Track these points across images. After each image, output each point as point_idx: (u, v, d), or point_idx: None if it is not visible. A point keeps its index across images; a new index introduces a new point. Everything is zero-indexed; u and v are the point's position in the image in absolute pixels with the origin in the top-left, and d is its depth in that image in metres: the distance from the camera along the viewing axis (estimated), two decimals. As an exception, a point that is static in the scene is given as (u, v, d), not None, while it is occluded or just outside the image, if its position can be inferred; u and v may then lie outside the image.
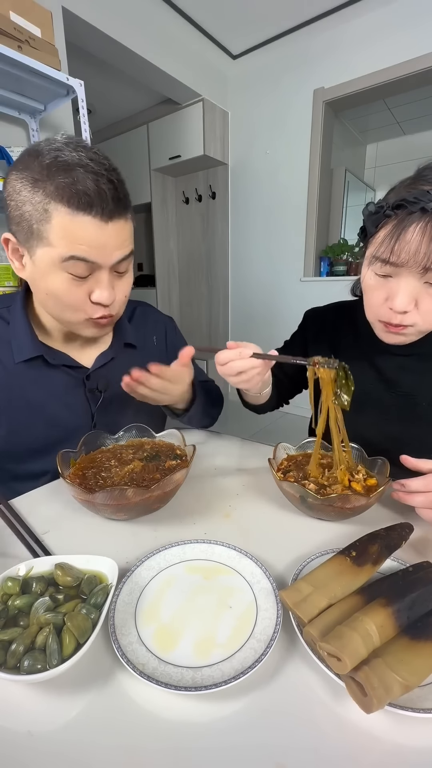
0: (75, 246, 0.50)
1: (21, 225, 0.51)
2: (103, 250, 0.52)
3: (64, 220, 0.48)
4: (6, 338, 0.63)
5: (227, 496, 0.61)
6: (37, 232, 0.50)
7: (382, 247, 0.52)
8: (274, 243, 2.84)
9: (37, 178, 0.48)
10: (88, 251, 0.50)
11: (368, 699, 0.28)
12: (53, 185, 0.47)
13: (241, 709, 0.31)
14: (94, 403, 0.69)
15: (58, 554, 0.47)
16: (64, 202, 0.47)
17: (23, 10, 1.38)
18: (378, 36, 2.16)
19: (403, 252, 0.50)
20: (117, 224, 0.52)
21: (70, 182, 0.47)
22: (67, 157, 0.48)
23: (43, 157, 0.48)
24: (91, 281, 0.54)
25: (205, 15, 2.24)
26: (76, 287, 0.54)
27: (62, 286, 0.53)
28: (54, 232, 0.49)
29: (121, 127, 3.23)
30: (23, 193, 0.49)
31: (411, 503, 0.48)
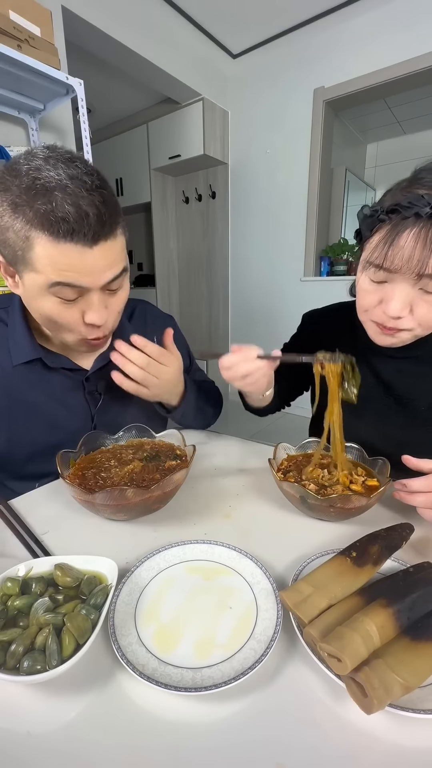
0: (60, 273, 0.48)
1: (7, 249, 0.49)
2: (90, 275, 0.50)
3: (46, 249, 0.46)
4: (4, 340, 0.63)
5: (227, 496, 0.61)
6: (21, 258, 0.48)
7: (376, 252, 0.51)
8: (274, 242, 2.83)
9: (17, 202, 0.45)
10: (74, 277, 0.49)
11: (368, 700, 0.28)
12: (32, 211, 0.44)
13: (242, 710, 0.31)
14: (93, 404, 0.69)
15: (58, 554, 0.46)
16: (44, 230, 0.45)
17: (23, 9, 1.38)
18: (378, 35, 2.16)
19: (396, 258, 0.49)
20: (104, 246, 0.49)
21: (48, 209, 0.44)
22: (45, 178, 0.44)
23: (21, 178, 0.45)
24: (82, 302, 0.53)
25: (205, 14, 2.24)
26: (67, 309, 0.53)
27: (53, 309, 0.52)
28: (38, 260, 0.47)
29: (121, 126, 3.23)
30: (5, 218, 0.47)
31: (412, 503, 0.48)
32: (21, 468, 0.67)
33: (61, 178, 0.45)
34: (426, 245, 0.46)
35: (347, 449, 0.63)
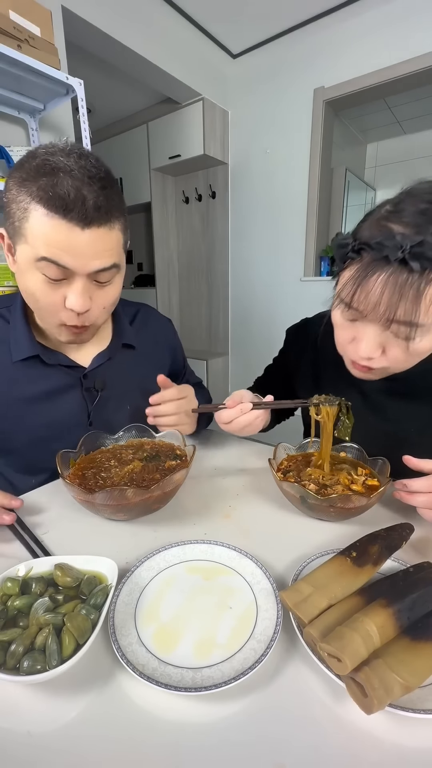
0: (47, 248, 0.49)
1: (8, 221, 0.52)
2: (77, 257, 0.50)
3: (40, 221, 0.48)
4: (5, 337, 0.64)
5: (227, 496, 0.61)
6: (17, 229, 0.50)
7: (346, 289, 0.48)
8: (274, 242, 2.83)
9: (25, 177, 0.48)
10: (59, 255, 0.49)
11: (369, 700, 0.28)
12: (36, 186, 0.48)
13: (241, 710, 0.31)
14: (90, 402, 0.70)
15: (58, 554, 0.46)
16: (42, 202, 0.47)
17: (23, 9, 1.38)
18: (378, 35, 2.15)
19: (363, 302, 0.46)
20: (96, 232, 0.50)
21: (51, 184, 0.47)
22: (55, 161, 0.48)
23: (35, 159, 0.49)
24: (66, 286, 0.53)
25: (205, 14, 2.24)
26: (51, 290, 0.53)
27: (37, 287, 0.53)
28: (31, 231, 0.49)
29: (121, 126, 3.22)
30: (12, 191, 0.50)
31: (413, 503, 0.48)
32: (17, 463, 0.68)
33: (70, 164, 0.48)
34: (394, 292, 0.43)
35: (347, 449, 0.64)
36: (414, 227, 0.43)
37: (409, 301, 0.43)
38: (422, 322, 0.44)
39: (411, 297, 0.43)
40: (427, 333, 0.47)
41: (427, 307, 0.43)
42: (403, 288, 0.43)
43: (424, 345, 0.48)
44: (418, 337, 0.46)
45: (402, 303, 0.43)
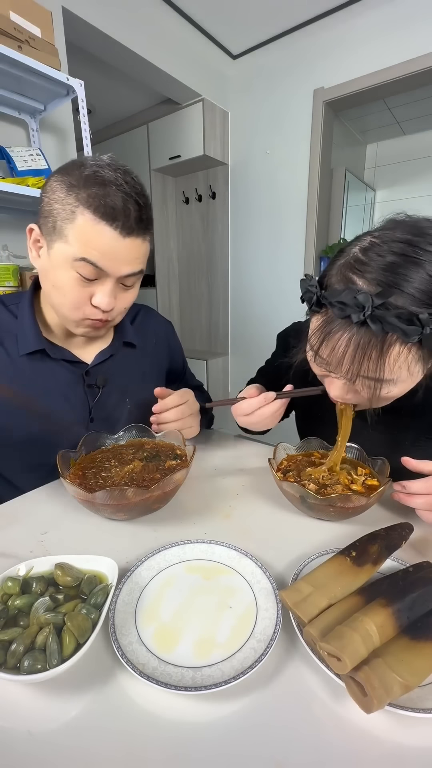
0: (89, 250, 0.53)
1: (48, 219, 0.55)
2: (113, 261, 0.55)
3: (86, 225, 0.52)
4: (13, 331, 0.66)
5: (227, 496, 0.61)
6: (59, 228, 0.54)
7: (314, 338, 0.47)
8: (274, 243, 2.84)
9: (73, 183, 0.53)
10: (99, 258, 0.54)
11: (368, 699, 0.28)
12: (85, 193, 0.52)
13: (241, 709, 0.31)
14: (92, 398, 0.71)
15: (58, 554, 0.47)
16: (91, 209, 0.52)
17: (23, 10, 1.38)
18: (378, 36, 2.16)
19: (329, 356, 0.46)
20: (133, 242, 0.56)
21: (101, 194, 0.52)
22: (105, 174, 0.53)
23: (84, 168, 0.53)
24: (96, 285, 0.57)
25: (205, 15, 2.24)
26: (81, 287, 0.57)
27: (68, 283, 0.56)
28: (74, 232, 0.53)
29: (121, 127, 3.22)
30: (58, 192, 0.54)
31: (411, 505, 0.48)
32: (17, 456, 0.69)
33: (117, 178, 0.54)
34: (357, 351, 0.42)
35: (347, 449, 0.64)
36: (377, 286, 0.41)
37: (373, 361, 0.42)
38: (388, 378, 0.44)
39: (374, 357, 0.42)
40: (395, 385, 0.46)
41: (392, 366, 0.43)
42: (366, 348, 0.42)
43: (393, 393, 0.47)
44: (385, 388, 0.46)
45: (365, 362, 0.42)
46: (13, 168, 1.47)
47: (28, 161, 1.51)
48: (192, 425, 0.70)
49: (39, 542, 0.49)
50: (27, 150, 1.54)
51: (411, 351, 0.42)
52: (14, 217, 1.68)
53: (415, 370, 0.45)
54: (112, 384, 0.72)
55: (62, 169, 0.56)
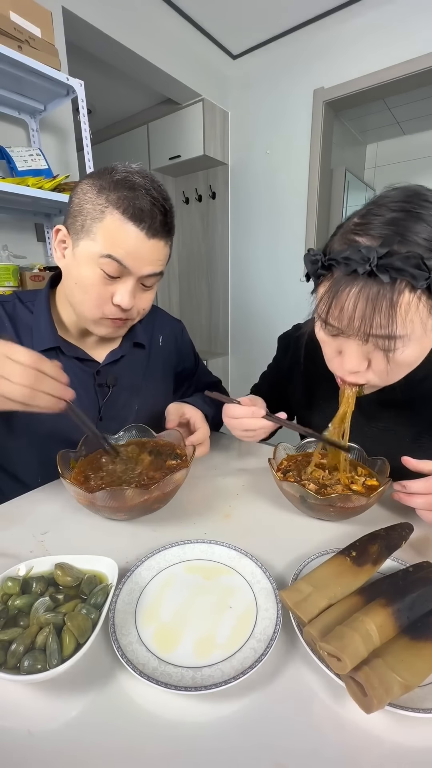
0: (115, 248, 0.56)
1: (76, 219, 0.58)
2: (137, 260, 0.57)
3: (114, 224, 0.55)
4: (30, 324, 0.67)
5: (227, 496, 0.61)
6: (87, 227, 0.57)
7: (321, 306, 0.47)
8: (274, 243, 2.83)
9: (104, 186, 0.56)
10: (124, 255, 0.56)
11: (368, 699, 0.28)
12: (116, 195, 0.55)
13: (241, 709, 0.31)
14: (102, 397, 0.72)
15: (58, 554, 0.46)
16: (120, 210, 0.55)
17: (23, 10, 1.38)
18: (378, 36, 2.16)
19: (338, 318, 0.45)
20: (156, 244, 0.58)
21: (132, 196, 0.55)
22: (135, 179, 0.56)
23: (115, 173, 0.57)
24: (118, 284, 0.59)
25: (205, 15, 2.24)
26: (103, 285, 0.59)
27: (92, 280, 0.58)
28: (102, 230, 0.56)
29: (121, 127, 3.22)
30: (89, 194, 0.57)
31: (411, 505, 0.48)
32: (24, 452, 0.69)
33: (146, 183, 0.57)
34: (367, 306, 0.42)
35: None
36: (380, 238, 0.42)
37: (384, 314, 0.42)
38: (401, 333, 0.43)
39: (385, 309, 0.41)
40: (409, 343, 0.45)
41: (404, 317, 0.42)
42: (375, 301, 0.41)
43: (408, 355, 0.46)
44: (400, 347, 0.45)
45: (377, 316, 0.42)
46: (13, 168, 1.48)
47: (28, 161, 1.51)
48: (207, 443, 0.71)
49: (39, 542, 0.49)
50: (27, 150, 1.54)
51: (421, 300, 0.42)
52: (14, 217, 1.68)
53: (429, 325, 0.44)
54: (122, 383, 0.73)
55: (93, 173, 0.59)
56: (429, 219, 0.42)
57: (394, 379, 0.51)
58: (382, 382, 0.51)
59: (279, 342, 0.84)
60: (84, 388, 0.70)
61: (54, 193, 1.46)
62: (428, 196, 0.44)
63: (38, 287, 1.59)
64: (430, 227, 0.41)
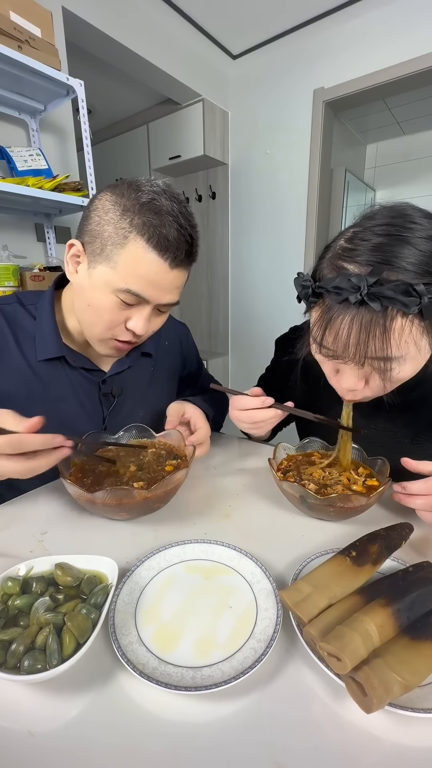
0: (135, 279, 0.54)
1: (95, 240, 0.54)
2: (157, 291, 0.56)
3: (137, 252, 0.52)
4: (32, 333, 0.64)
5: (227, 496, 0.61)
6: (108, 252, 0.54)
7: (316, 331, 0.47)
8: (274, 243, 2.84)
9: (129, 207, 0.52)
10: (144, 288, 0.54)
11: (368, 699, 0.28)
12: (140, 220, 0.52)
13: (241, 709, 0.31)
14: (107, 407, 0.71)
15: (58, 554, 0.46)
16: (145, 237, 0.52)
17: (23, 10, 1.38)
18: (378, 36, 2.16)
19: (333, 343, 0.46)
20: (178, 274, 0.57)
21: (157, 224, 0.52)
22: (161, 203, 0.53)
23: (141, 194, 0.53)
24: (133, 310, 0.58)
25: (205, 15, 2.24)
26: (118, 312, 0.57)
27: (107, 307, 0.56)
28: (123, 258, 0.53)
29: (121, 127, 3.22)
30: (110, 214, 0.53)
31: (411, 506, 0.48)
32: None
33: (173, 209, 0.53)
34: (362, 332, 0.42)
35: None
36: (368, 266, 0.42)
37: (378, 339, 0.42)
38: (395, 355, 0.43)
39: (378, 334, 0.42)
40: (404, 363, 0.45)
41: (398, 340, 0.42)
42: (368, 327, 0.42)
43: (404, 373, 0.47)
44: (396, 368, 0.45)
45: (371, 341, 0.42)
46: (13, 168, 1.48)
47: (28, 161, 1.51)
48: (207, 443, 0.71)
49: (39, 542, 0.49)
50: (27, 150, 1.54)
51: (414, 323, 0.42)
52: (14, 217, 1.68)
53: (422, 344, 0.44)
54: (127, 392, 0.72)
55: (116, 190, 0.55)
56: (415, 242, 0.42)
57: (390, 390, 0.52)
58: (379, 395, 0.53)
59: (276, 345, 0.83)
60: (89, 398, 0.69)
61: (54, 193, 1.46)
62: (413, 217, 0.44)
63: (38, 287, 1.59)
64: (416, 250, 0.41)
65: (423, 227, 0.43)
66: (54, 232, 1.80)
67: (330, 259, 0.47)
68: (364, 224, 0.45)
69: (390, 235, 0.42)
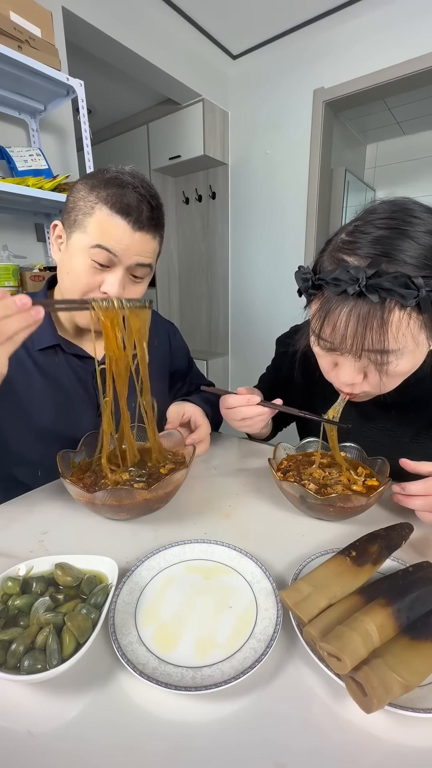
0: (104, 238, 0.59)
1: (70, 215, 0.62)
2: (124, 249, 0.60)
3: (103, 217, 0.59)
4: None
5: (227, 496, 0.61)
6: (80, 221, 0.60)
7: (314, 322, 0.48)
8: (274, 243, 2.84)
9: (96, 184, 0.60)
10: (112, 244, 0.60)
11: (368, 699, 0.28)
12: (105, 192, 0.59)
13: (241, 709, 0.31)
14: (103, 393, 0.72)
15: (58, 554, 0.46)
16: (108, 204, 0.59)
17: (23, 10, 1.38)
18: (378, 36, 2.16)
19: (332, 335, 0.46)
20: (143, 236, 0.61)
21: (119, 193, 0.59)
22: (124, 178, 0.60)
23: (107, 172, 0.62)
24: (107, 273, 0.62)
25: (205, 15, 2.24)
26: (93, 274, 0.61)
27: (83, 269, 0.61)
28: (92, 224, 0.59)
29: (121, 127, 3.23)
30: (81, 192, 0.61)
31: (410, 506, 0.48)
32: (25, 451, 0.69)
33: (134, 182, 0.61)
34: (359, 324, 0.43)
35: (347, 449, 0.64)
36: (367, 258, 0.42)
37: (375, 331, 0.42)
38: (393, 348, 0.44)
39: (376, 327, 0.42)
40: (402, 356, 0.45)
41: (395, 333, 0.43)
42: (366, 319, 0.42)
43: (401, 367, 0.47)
44: (393, 361, 0.46)
45: (368, 333, 0.43)
46: (13, 168, 1.48)
47: (28, 161, 1.51)
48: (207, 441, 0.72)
49: (39, 542, 0.49)
50: (27, 150, 1.54)
51: (411, 317, 0.42)
52: (14, 217, 1.68)
53: (420, 339, 0.45)
54: None
55: (88, 174, 0.64)
56: (416, 235, 0.42)
57: (389, 388, 0.52)
58: (377, 392, 0.53)
59: (277, 344, 0.84)
60: (83, 386, 0.72)
61: (54, 193, 1.46)
62: (414, 211, 0.44)
63: (38, 287, 1.59)
64: (416, 244, 0.41)
65: (424, 221, 0.43)
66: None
67: (330, 252, 0.48)
68: (365, 218, 0.46)
69: (390, 228, 0.43)
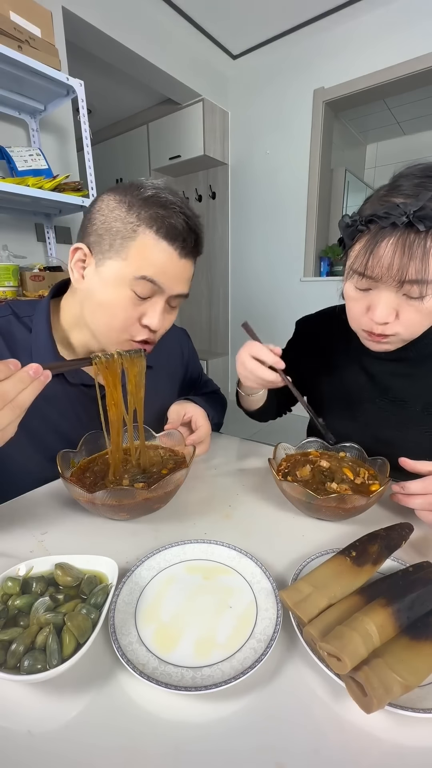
0: (151, 268, 0.54)
1: (103, 238, 0.55)
2: (170, 279, 0.56)
3: (148, 242, 0.54)
4: (27, 346, 0.62)
5: (227, 496, 0.61)
6: (117, 246, 0.54)
7: (358, 260, 0.52)
8: (274, 243, 2.84)
9: (133, 203, 0.54)
10: (159, 275, 0.55)
11: (368, 699, 0.28)
12: (147, 213, 0.53)
13: (241, 709, 0.31)
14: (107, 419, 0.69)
15: (58, 554, 0.46)
16: (153, 228, 0.53)
17: (23, 10, 1.38)
18: (378, 36, 2.16)
19: (376, 267, 0.50)
20: (187, 264, 0.58)
21: (165, 215, 0.54)
22: (164, 197, 0.55)
23: (144, 189, 0.55)
24: (147, 305, 0.58)
25: (205, 15, 2.24)
26: (132, 307, 0.57)
27: (121, 303, 0.56)
28: (134, 250, 0.54)
29: (121, 127, 3.23)
30: (116, 212, 0.54)
31: (410, 505, 0.48)
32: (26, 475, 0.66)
33: (177, 202, 0.55)
34: (404, 253, 0.47)
35: (347, 449, 0.64)
36: (413, 197, 0.47)
37: (419, 260, 0.47)
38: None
39: (419, 255, 0.47)
40: None
41: None
42: (411, 248, 0.47)
43: None
44: (429, 294, 0.50)
45: (412, 262, 0.47)
46: (13, 168, 1.48)
47: (28, 161, 1.51)
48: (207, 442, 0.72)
49: (39, 542, 0.49)
50: (27, 150, 1.54)
51: None
52: (14, 217, 1.68)
53: None
54: None
55: (117, 190, 0.56)
56: None
57: (419, 330, 0.55)
58: (407, 334, 0.56)
59: (298, 325, 0.86)
60: (88, 415, 0.67)
61: (54, 193, 1.46)
62: None
63: (38, 287, 1.59)
64: None
65: None
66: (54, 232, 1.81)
67: (374, 199, 0.52)
68: (403, 173, 0.51)
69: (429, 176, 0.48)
